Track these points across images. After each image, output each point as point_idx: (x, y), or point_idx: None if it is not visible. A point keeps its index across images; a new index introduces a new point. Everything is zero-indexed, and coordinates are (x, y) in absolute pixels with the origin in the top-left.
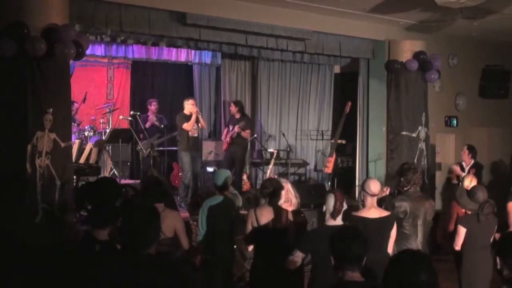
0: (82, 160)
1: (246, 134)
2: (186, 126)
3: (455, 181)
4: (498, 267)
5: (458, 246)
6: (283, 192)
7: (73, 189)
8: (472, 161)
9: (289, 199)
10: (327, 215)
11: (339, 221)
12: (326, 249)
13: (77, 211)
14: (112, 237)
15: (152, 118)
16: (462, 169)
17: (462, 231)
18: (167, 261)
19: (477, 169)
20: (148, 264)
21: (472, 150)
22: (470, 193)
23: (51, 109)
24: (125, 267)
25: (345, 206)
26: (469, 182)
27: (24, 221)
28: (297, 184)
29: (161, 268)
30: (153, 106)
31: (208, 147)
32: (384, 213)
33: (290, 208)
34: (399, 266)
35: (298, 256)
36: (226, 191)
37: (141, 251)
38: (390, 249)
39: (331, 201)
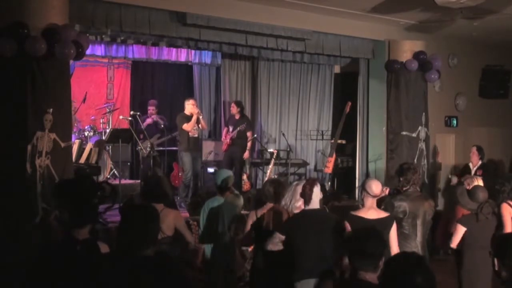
0: (82, 160)
1: (249, 134)
2: (186, 126)
3: (453, 183)
4: (496, 268)
5: (454, 244)
6: (286, 193)
7: None
8: (480, 162)
9: None
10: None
11: (314, 205)
12: (302, 231)
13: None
14: (93, 235)
15: (150, 119)
16: (469, 170)
17: (461, 230)
18: (166, 262)
19: (484, 170)
20: (146, 265)
21: (481, 151)
22: (471, 193)
23: (51, 109)
24: (122, 269)
25: (316, 192)
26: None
27: (24, 221)
28: None
29: (160, 269)
30: (150, 110)
31: (208, 147)
32: (382, 214)
33: None
34: (396, 269)
35: (278, 238)
36: (227, 192)
37: (139, 253)
38: (394, 251)
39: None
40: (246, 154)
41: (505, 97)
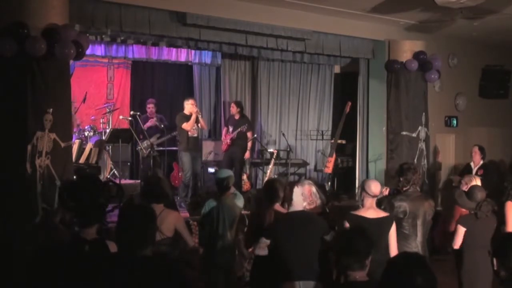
0: (82, 160)
1: (249, 134)
2: (185, 126)
3: (455, 184)
4: (495, 268)
5: (456, 245)
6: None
7: None
8: (482, 162)
9: (313, 201)
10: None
11: (297, 207)
12: (285, 233)
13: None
14: (100, 234)
15: (151, 119)
16: (470, 169)
17: (461, 230)
18: (165, 262)
19: (485, 170)
20: (144, 265)
21: (483, 151)
22: (468, 193)
23: (51, 109)
24: (122, 269)
25: (297, 193)
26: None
27: (24, 221)
28: None
29: (158, 269)
30: (148, 109)
31: (208, 147)
32: (382, 214)
33: (315, 210)
34: (397, 270)
35: (264, 243)
36: (228, 192)
37: (137, 253)
38: (393, 250)
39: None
40: (247, 155)
41: (505, 97)
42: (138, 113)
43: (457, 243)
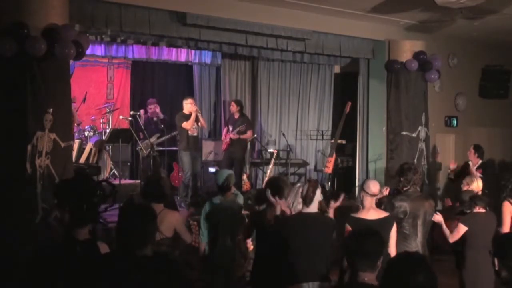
0: (82, 160)
1: (247, 136)
2: (185, 125)
3: (451, 176)
4: (496, 268)
5: (452, 240)
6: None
7: None
8: (480, 161)
9: None
10: (301, 203)
11: (313, 208)
12: (299, 234)
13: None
14: (93, 235)
15: (151, 116)
16: (469, 168)
17: (462, 228)
18: (165, 262)
19: (484, 169)
20: (144, 265)
21: (478, 150)
22: (460, 200)
23: (51, 109)
24: (122, 268)
25: (318, 195)
26: (476, 185)
27: (24, 221)
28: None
29: (158, 269)
30: (150, 110)
31: (208, 147)
32: (382, 214)
33: None
34: (397, 269)
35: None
36: (228, 191)
37: (137, 252)
38: (392, 250)
39: (304, 188)
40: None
41: (505, 97)
42: (138, 113)
43: (454, 237)
